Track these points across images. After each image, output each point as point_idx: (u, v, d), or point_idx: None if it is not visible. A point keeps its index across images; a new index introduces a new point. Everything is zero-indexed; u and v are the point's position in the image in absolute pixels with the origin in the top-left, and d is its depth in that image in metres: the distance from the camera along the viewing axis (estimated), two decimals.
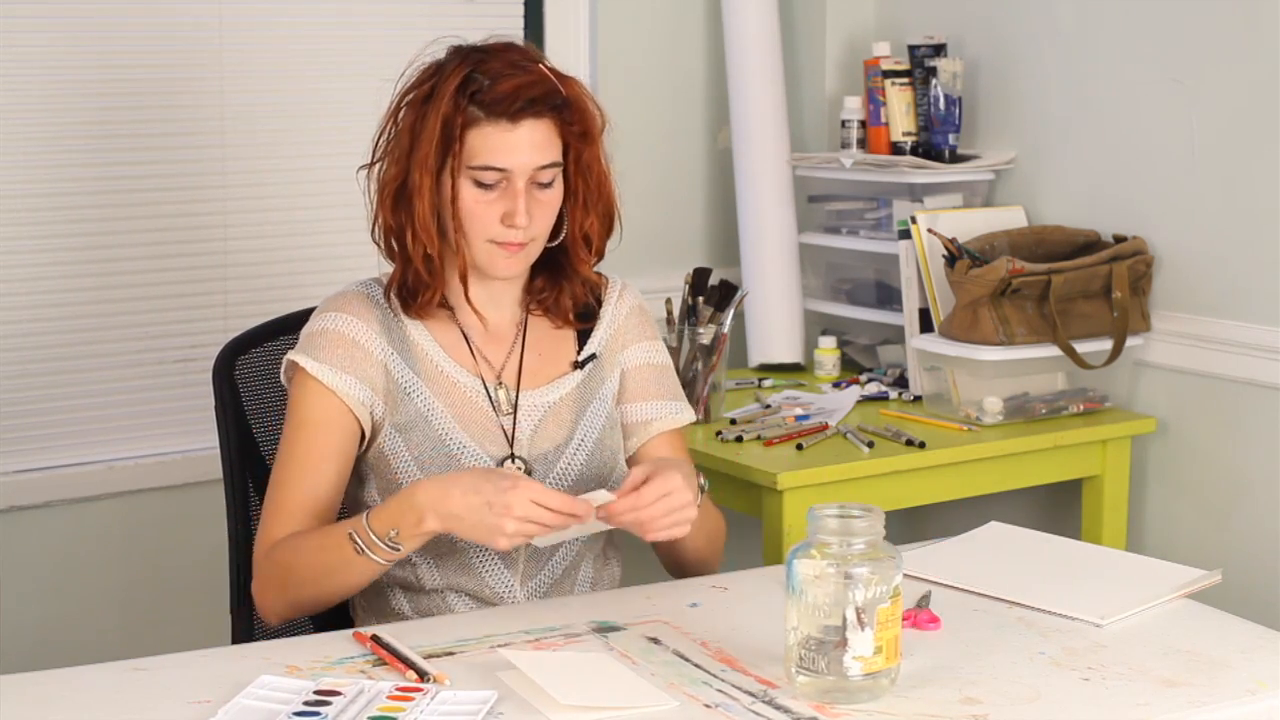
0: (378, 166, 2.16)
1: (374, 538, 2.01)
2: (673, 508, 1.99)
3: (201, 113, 3.14)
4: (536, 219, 2.12)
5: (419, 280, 2.16)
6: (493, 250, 2.12)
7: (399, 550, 2.02)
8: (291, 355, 2.17)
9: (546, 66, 2.13)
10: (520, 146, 2.09)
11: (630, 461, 2.27)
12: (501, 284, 2.20)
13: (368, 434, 2.17)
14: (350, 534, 2.02)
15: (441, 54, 2.15)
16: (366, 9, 3.27)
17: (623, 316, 2.29)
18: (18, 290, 3.01)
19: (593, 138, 2.16)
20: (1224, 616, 2.02)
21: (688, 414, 2.31)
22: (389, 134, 2.16)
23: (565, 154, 2.15)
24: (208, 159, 3.15)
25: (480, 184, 2.10)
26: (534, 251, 2.16)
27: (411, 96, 2.14)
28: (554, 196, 2.14)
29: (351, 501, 2.20)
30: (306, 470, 2.13)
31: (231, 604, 2.32)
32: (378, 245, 2.19)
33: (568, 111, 2.12)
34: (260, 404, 2.34)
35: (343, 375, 2.14)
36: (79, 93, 3.03)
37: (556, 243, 2.19)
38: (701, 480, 2.10)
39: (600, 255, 2.25)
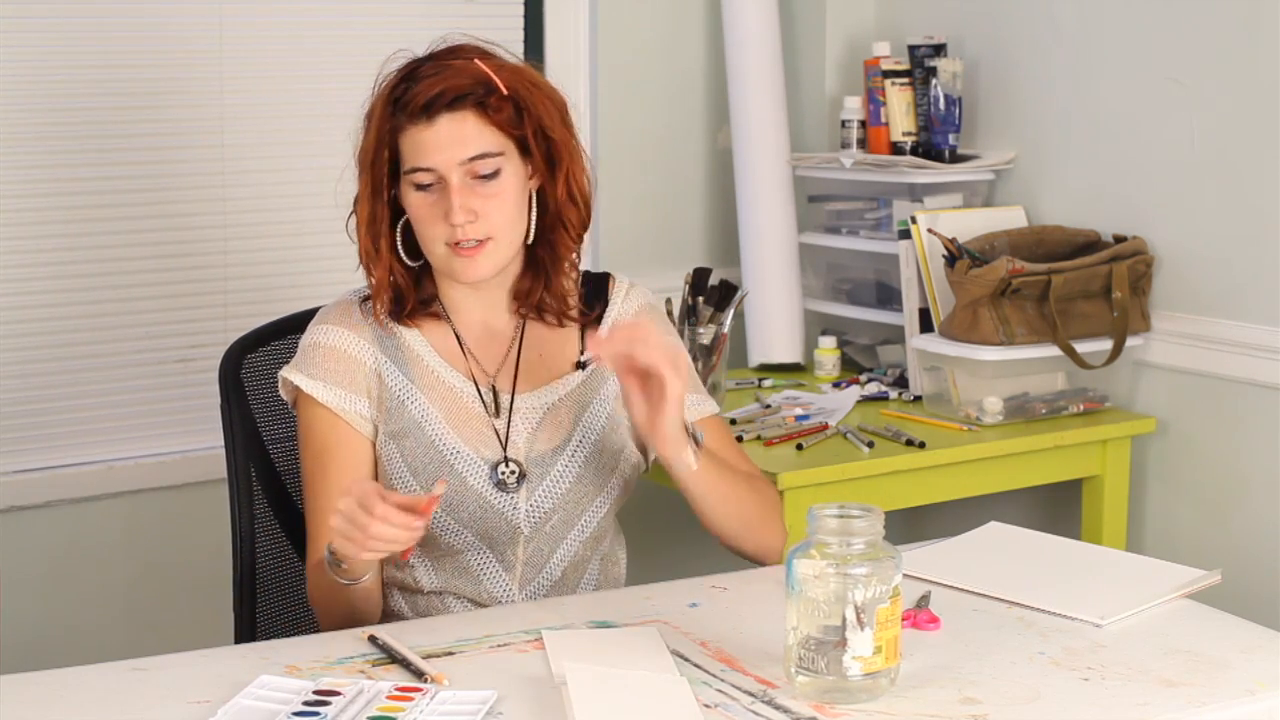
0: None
1: (329, 553, 2.00)
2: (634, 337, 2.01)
3: (201, 113, 3.15)
4: (483, 215, 2.09)
5: (371, 287, 2.16)
6: (450, 255, 2.11)
7: (342, 566, 1.99)
8: (285, 372, 2.17)
9: (483, 60, 2.12)
10: (439, 143, 2.08)
11: (661, 462, 2.25)
12: (488, 286, 2.18)
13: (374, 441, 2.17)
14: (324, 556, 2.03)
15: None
16: (366, 9, 3.28)
17: (629, 315, 2.26)
18: (18, 290, 3.02)
19: (535, 120, 2.13)
20: (1224, 616, 2.02)
21: (711, 405, 2.26)
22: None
23: (521, 146, 2.12)
24: (208, 159, 3.16)
25: (419, 187, 2.10)
26: (500, 252, 2.13)
27: (366, 114, 2.16)
28: (502, 189, 2.11)
29: None
30: (330, 500, 2.10)
31: (235, 602, 2.31)
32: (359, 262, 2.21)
33: (491, 100, 2.09)
34: (266, 403, 2.34)
35: (338, 391, 2.14)
36: (79, 93, 3.03)
37: (530, 239, 2.17)
38: (696, 431, 2.11)
39: (578, 238, 2.21)
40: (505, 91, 2.10)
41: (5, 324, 3.01)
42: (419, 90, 2.09)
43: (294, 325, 2.36)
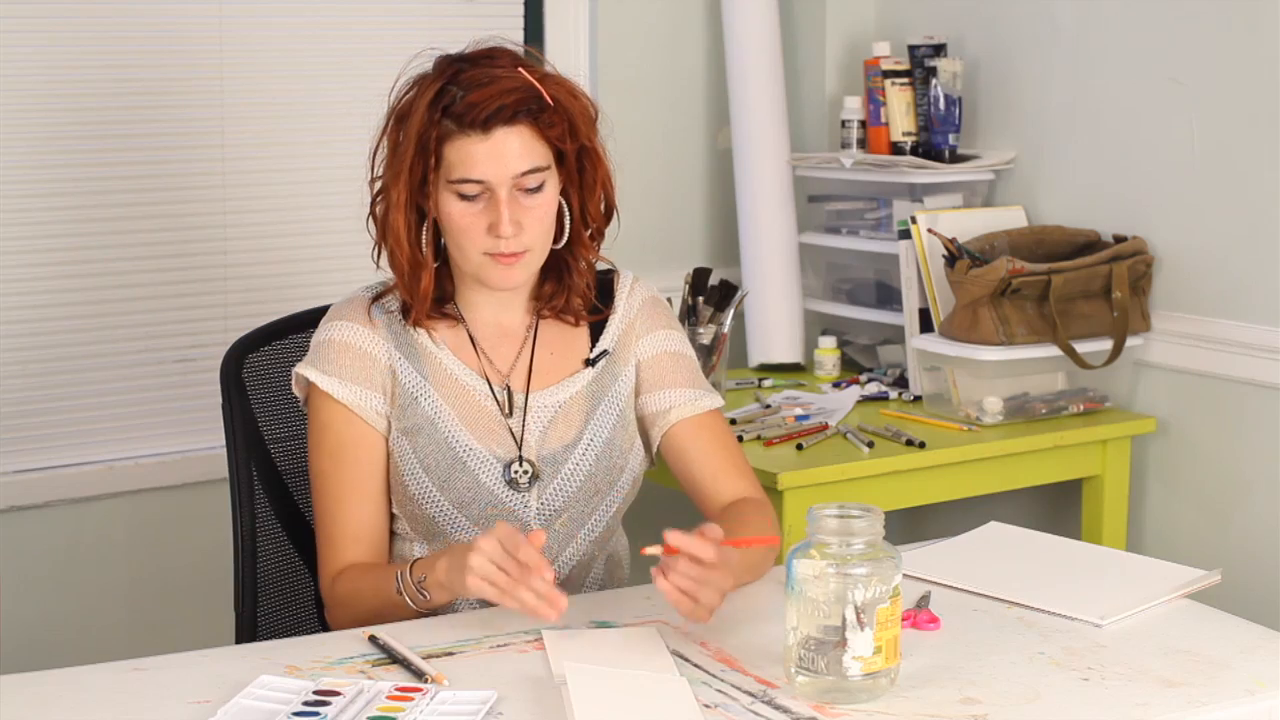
0: (376, 183, 2.16)
1: (411, 584, 2.02)
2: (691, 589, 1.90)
3: (201, 113, 3.15)
4: (526, 227, 2.09)
5: (408, 295, 2.15)
6: (487, 263, 2.10)
7: (426, 597, 2.01)
8: (300, 369, 2.16)
9: (525, 69, 2.10)
10: (495, 156, 2.06)
11: (661, 454, 2.24)
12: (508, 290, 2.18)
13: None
14: (396, 575, 2.03)
15: (429, 65, 2.13)
16: (366, 9, 3.27)
17: (635, 310, 2.26)
18: (18, 290, 3.01)
19: (580, 134, 2.13)
20: (1224, 616, 2.02)
21: (710, 400, 2.24)
22: (381, 150, 2.15)
23: (558, 157, 2.12)
24: (208, 159, 3.16)
25: (463, 197, 2.08)
26: (533, 261, 2.13)
27: (396, 113, 2.13)
28: (544, 201, 2.11)
29: None
30: (347, 499, 2.13)
31: (235, 602, 2.31)
32: (374, 261, 2.19)
33: (545, 115, 2.09)
34: (267, 402, 2.34)
35: (354, 387, 2.13)
36: (79, 93, 3.03)
37: (561, 244, 2.17)
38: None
39: (600, 241, 2.22)
40: (553, 105, 2.09)
41: (5, 324, 3.01)
42: (475, 100, 2.06)
43: (295, 325, 2.37)
